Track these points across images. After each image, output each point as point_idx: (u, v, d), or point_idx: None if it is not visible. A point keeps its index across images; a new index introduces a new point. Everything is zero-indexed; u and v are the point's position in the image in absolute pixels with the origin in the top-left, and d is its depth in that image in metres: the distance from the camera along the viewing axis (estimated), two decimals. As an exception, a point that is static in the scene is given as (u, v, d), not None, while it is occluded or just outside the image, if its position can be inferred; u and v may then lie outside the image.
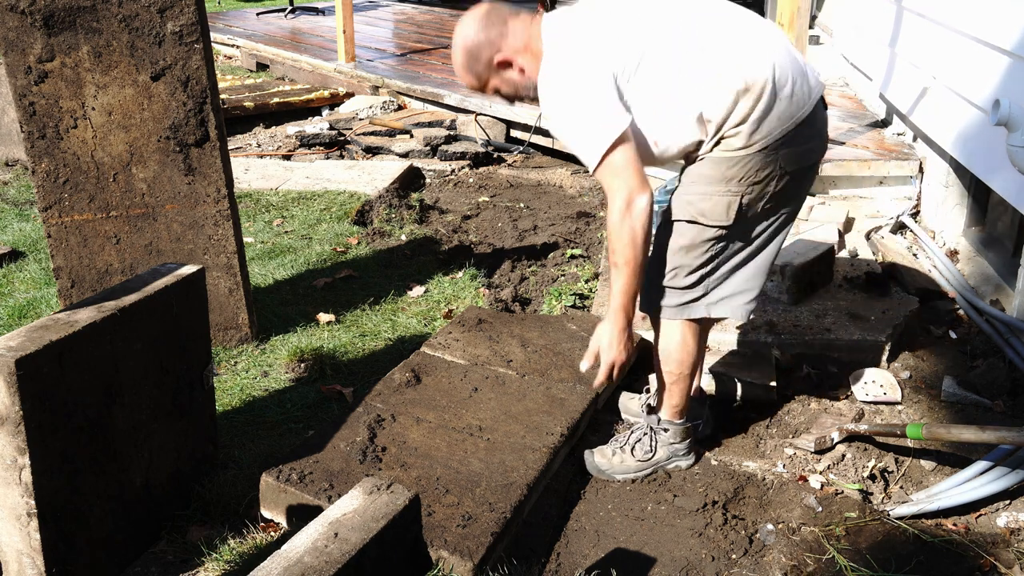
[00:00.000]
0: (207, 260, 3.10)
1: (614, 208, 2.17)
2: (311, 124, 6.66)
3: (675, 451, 2.61)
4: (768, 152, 2.21)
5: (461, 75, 2.34)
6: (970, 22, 3.79)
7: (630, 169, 2.15)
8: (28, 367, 1.73)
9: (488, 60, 2.28)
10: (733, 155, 2.22)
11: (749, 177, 2.23)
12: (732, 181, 2.24)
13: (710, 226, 2.29)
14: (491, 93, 2.36)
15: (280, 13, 10.66)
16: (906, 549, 2.31)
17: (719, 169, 2.24)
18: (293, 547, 1.59)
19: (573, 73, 2.18)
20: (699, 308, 2.43)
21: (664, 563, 2.26)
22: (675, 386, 2.54)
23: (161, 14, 2.80)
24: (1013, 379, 3.02)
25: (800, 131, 2.23)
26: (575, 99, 2.18)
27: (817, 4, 7.36)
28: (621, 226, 2.17)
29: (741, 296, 2.43)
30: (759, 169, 2.22)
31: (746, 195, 2.25)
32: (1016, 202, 3.36)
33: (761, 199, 2.28)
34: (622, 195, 2.15)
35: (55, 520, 1.84)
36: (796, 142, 2.24)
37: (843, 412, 2.92)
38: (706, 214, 2.28)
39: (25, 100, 2.78)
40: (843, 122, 5.33)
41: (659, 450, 2.60)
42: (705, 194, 2.27)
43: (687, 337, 2.47)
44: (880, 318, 3.35)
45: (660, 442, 2.60)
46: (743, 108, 2.16)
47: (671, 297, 2.42)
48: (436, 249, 4.34)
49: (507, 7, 2.31)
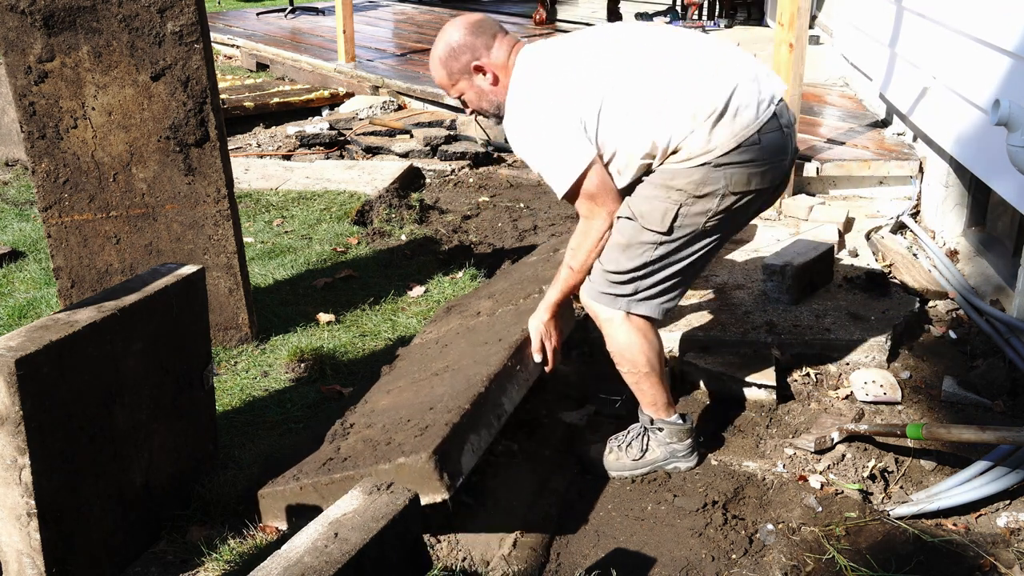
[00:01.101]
0: (207, 260, 3.10)
1: (593, 228, 2.38)
2: (311, 124, 6.66)
3: (673, 451, 2.60)
4: (711, 168, 2.27)
5: (435, 67, 2.45)
6: (970, 22, 3.79)
7: (609, 195, 2.34)
8: (28, 367, 1.73)
9: (466, 63, 2.39)
10: (677, 167, 2.30)
11: (690, 190, 2.29)
12: (672, 190, 2.31)
13: (646, 228, 2.35)
14: (455, 95, 2.49)
15: (280, 13, 10.66)
16: (906, 549, 2.31)
17: (664, 177, 2.32)
18: (293, 547, 1.59)
19: (540, 111, 2.32)
20: (622, 302, 2.46)
21: (664, 563, 2.26)
22: (640, 385, 2.55)
23: (161, 14, 2.80)
24: (1013, 379, 3.02)
25: (750, 154, 2.28)
26: (542, 133, 2.32)
27: (817, 4, 7.36)
28: (599, 241, 2.39)
29: (662, 297, 2.47)
30: (701, 183, 2.28)
31: (684, 206, 2.31)
32: (1016, 202, 3.36)
33: (704, 215, 2.32)
34: (604, 220, 2.36)
35: (55, 520, 1.84)
36: (745, 164, 2.28)
37: (843, 412, 2.92)
38: (643, 215, 2.34)
39: (25, 100, 2.78)
40: (843, 122, 5.33)
41: (655, 450, 2.60)
42: (647, 197, 2.34)
43: (631, 332, 2.48)
44: (880, 318, 3.35)
45: (656, 441, 2.59)
46: (687, 127, 2.26)
47: (604, 285, 2.46)
48: (436, 249, 4.34)
49: (499, 24, 2.46)
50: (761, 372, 3.02)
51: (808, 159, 4.60)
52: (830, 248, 3.65)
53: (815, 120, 5.33)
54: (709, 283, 3.65)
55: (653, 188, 2.33)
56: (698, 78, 2.28)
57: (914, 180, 4.59)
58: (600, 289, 2.46)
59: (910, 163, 4.59)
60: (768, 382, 2.98)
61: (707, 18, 8.83)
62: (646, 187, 2.35)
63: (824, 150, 4.76)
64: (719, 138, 2.25)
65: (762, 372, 3.02)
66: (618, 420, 2.89)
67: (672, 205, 2.31)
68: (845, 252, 3.99)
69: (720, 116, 2.25)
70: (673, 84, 2.27)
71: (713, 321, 3.32)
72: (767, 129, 2.29)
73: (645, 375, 2.51)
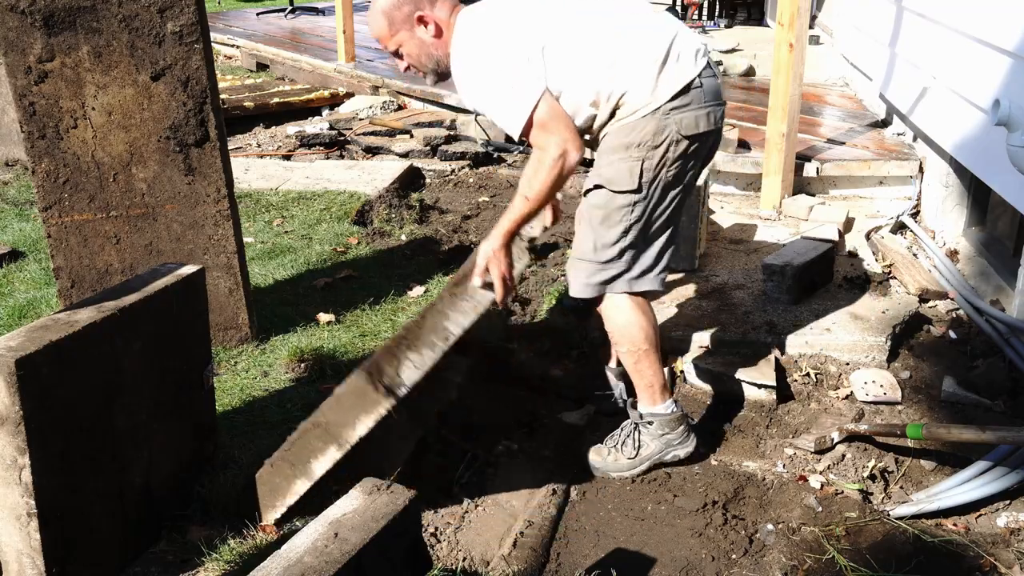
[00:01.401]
0: (207, 260, 3.10)
1: (547, 155, 2.30)
2: (311, 124, 6.66)
3: (668, 441, 2.60)
4: (662, 116, 2.35)
5: (375, 17, 2.43)
6: (970, 22, 3.79)
7: (561, 123, 2.30)
8: (28, 367, 1.73)
9: (409, 13, 2.39)
10: (627, 122, 2.37)
11: (647, 142, 2.36)
12: (632, 147, 2.37)
13: (618, 192, 2.40)
14: (393, 47, 2.45)
15: (280, 13, 10.66)
16: (906, 549, 2.31)
17: (619, 138, 2.39)
18: (293, 547, 1.59)
19: (487, 54, 2.34)
20: (621, 283, 2.49)
21: (664, 563, 2.26)
22: (640, 364, 2.55)
23: (161, 14, 2.80)
24: (1013, 379, 3.02)
25: (693, 97, 2.37)
26: (492, 75, 2.33)
27: (817, 4, 7.36)
28: (552, 169, 2.30)
29: (657, 267, 2.51)
30: (655, 133, 2.35)
31: (647, 159, 2.38)
32: (1016, 202, 3.36)
33: (663, 165, 2.39)
34: (557, 146, 2.28)
35: (55, 520, 1.84)
36: (691, 108, 2.37)
37: (843, 412, 2.92)
38: (612, 180, 2.40)
39: (25, 100, 2.78)
40: (843, 122, 5.33)
41: (649, 444, 2.60)
42: (609, 163, 2.41)
43: (630, 311, 2.51)
44: (880, 318, 3.35)
45: (648, 436, 2.59)
46: (632, 75, 2.33)
47: (597, 273, 2.49)
48: (436, 249, 4.34)
49: None
50: (761, 372, 3.02)
51: (808, 159, 4.60)
52: (830, 248, 3.65)
53: (815, 120, 5.33)
54: (709, 283, 3.66)
55: (612, 152, 2.40)
56: (639, 27, 2.38)
57: (914, 180, 4.59)
58: (595, 280, 2.49)
59: (910, 163, 4.59)
60: (768, 382, 2.98)
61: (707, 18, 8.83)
62: (605, 155, 2.43)
63: (824, 150, 4.76)
64: (664, 84, 2.34)
65: (762, 372, 3.02)
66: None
67: (635, 162, 2.37)
68: (845, 252, 3.99)
69: (664, 63, 2.33)
70: (616, 32, 2.36)
71: (713, 321, 3.32)
72: (705, 74, 2.40)
73: (645, 352, 2.53)
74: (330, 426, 2.15)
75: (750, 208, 4.56)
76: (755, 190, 4.69)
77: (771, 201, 4.47)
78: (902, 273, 3.74)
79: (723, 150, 4.71)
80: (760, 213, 4.47)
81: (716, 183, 4.77)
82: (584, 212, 2.52)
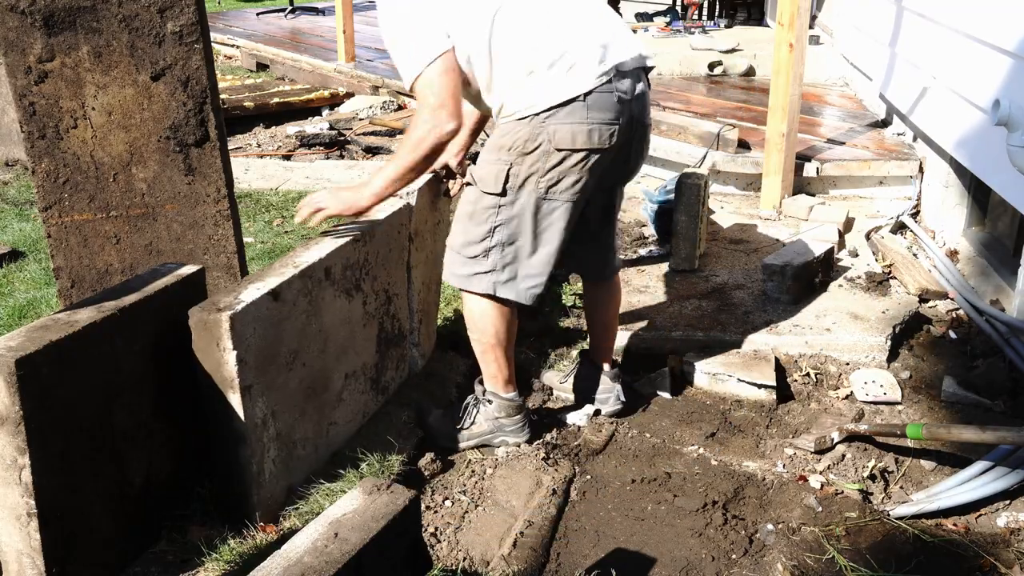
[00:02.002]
0: (207, 260, 3.10)
1: (419, 118, 2.26)
2: (311, 124, 6.66)
3: (499, 426, 2.64)
4: (538, 123, 2.28)
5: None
6: (970, 22, 3.79)
7: (447, 92, 2.25)
8: (28, 367, 1.73)
9: None
10: (505, 123, 2.35)
11: (518, 147, 2.32)
12: (503, 150, 2.35)
13: (484, 192, 2.40)
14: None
15: (280, 13, 10.66)
16: (906, 549, 2.31)
17: (496, 138, 2.37)
18: (293, 547, 1.59)
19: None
20: (485, 282, 2.48)
21: (664, 563, 2.26)
22: (486, 355, 2.59)
23: (161, 14, 2.80)
24: (1013, 379, 3.02)
25: (570, 108, 2.27)
26: (401, 16, 2.29)
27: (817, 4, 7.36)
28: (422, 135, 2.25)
29: (528, 280, 2.49)
30: (528, 139, 2.30)
31: (515, 165, 2.34)
32: (1016, 202, 3.36)
33: (533, 174, 2.33)
34: (432, 110, 2.24)
35: (55, 520, 1.84)
36: (569, 122, 2.27)
37: (843, 412, 2.92)
38: (481, 179, 2.40)
39: (25, 100, 2.78)
40: (843, 122, 5.33)
41: (482, 423, 2.64)
42: (483, 161, 2.41)
43: (488, 307, 2.52)
44: (880, 318, 3.35)
45: (483, 415, 2.63)
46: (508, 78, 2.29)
47: (463, 266, 2.50)
48: (436, 249, 4.34)
49: None
50: (761, 372, 3.02)
51: (808, 159, 4.60)
52: (830, 248, 3.65)
53: (815, 120, 5.33)
54: (709, 283, 3.66)
55: (488, 152, 2.40)
56: (539, 28, 2.30)
57: (914, 180, 4.59)
58: (463, 272, 2.50)
59: (910, 163, 4.59)
60: (768, 382, 2.98)
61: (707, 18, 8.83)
62: (484, 152, 2.42)
63: (824, 150, 4.76)
64: (544, 92, 2.27)
65: (762, 372, 3.02)
66: (617, 419, 2.90)
67: (503, 166, 2.35)
68: (845, 252, 3.99)
69: (549, 68, 2.26)
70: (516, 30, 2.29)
71: (713, 321, 3.33)
72: (601, 90, 2.28)
73: (492, 346, 2.56)
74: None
75: (750, 208, 4.56)
76: (755, 190, 4.69)
77: (771, 201, 4.48)
78: (902, 273, 3.74)
79: (723, 150, 4.72)
80: (760, 213, 4.47)
81: (716, 183, 4.78)
82: (460, 204, 2.53)
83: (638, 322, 3.35)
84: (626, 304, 3.48)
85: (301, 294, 2.24)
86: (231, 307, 2.03)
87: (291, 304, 2.20)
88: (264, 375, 2.13)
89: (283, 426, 2.23)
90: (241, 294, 2.09)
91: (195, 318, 2.04)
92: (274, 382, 2.18)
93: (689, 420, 2.91)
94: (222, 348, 2.02)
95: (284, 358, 2.21)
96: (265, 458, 2.18)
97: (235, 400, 2.06)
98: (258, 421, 2.13)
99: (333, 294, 2.39)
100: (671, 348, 3.21)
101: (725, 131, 4.75)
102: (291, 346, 2.22)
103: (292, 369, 2.24)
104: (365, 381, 2.60)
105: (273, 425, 2.19)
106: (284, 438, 2.24)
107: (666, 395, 3.05)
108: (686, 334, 3.25)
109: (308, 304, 2.27)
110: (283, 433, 2.24)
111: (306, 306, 2.26)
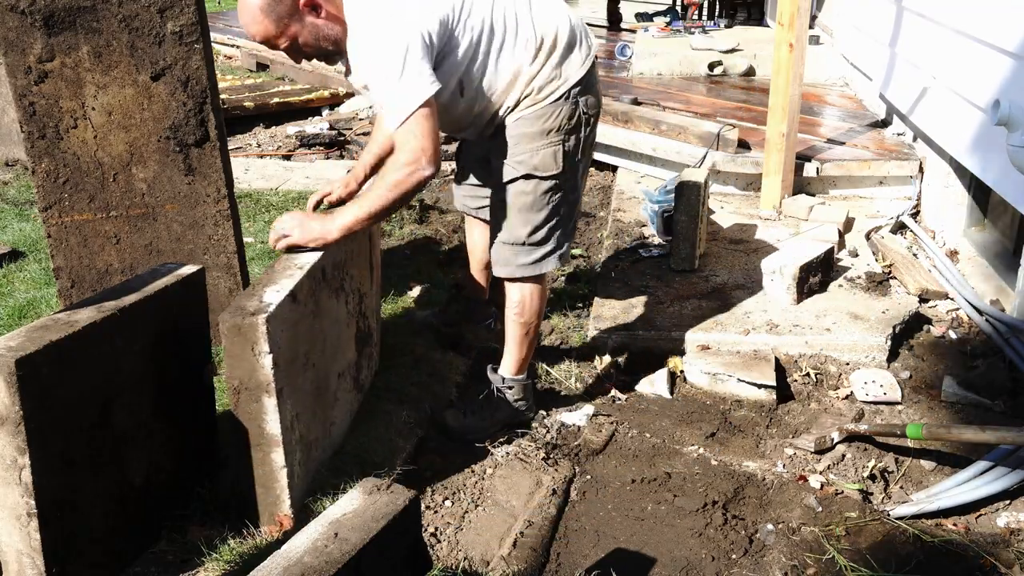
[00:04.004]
0: (207, 260, 3.10)
1: (400, 160, 2.27)
2: (311, 124, 6.66)
3: (519, 408, 2.76)
4: (570, 99, 2.48)
5: (253, 22, 2.24)
6: (970, 22, 3.79)
7: (429, 138, 2.28)
8: (28, 367, 1.73)
9: (292, 4, 2.22)
10: (540, 108, 2.47)
11: (564, 126, 2.49)
12: (551, 132, 2.49)
13: (544, 178, 2.51)
14: (284, 43, 2.29)
15: (280, 13, 10.64)
16: (906, 549, 2.31)
17: (536, 125, 2.48)
18: (293, 547, 1.59)
19: (386, 30, 2.24)
20: (552, 261, 2.61)
21: (664, 563, 2.26)
22: (527, 338, 2.70)
23: (161, 14, 2.80)
24: (1013, 379, 3.02)
25: (591, 77, 2.53)
26: (387, 56, 2.23)
27: (817, 4, 7.36)
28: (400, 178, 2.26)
29: (566, 244, 2.65)
30: (568, 116, 2.49)
31: (566, 142, 2.51)
32: (1016, 202, 3.36)
33: (579, 145, 2.55)
34: (414, 155, 2.25)
35: (55, 520, 1.84)
36: (590, 88, 2.54)
37: (843, 412, 2.92)
38: (538, 167, 2.50)
39: (25, 100, 2.78)
40: (843, 122, 5.33)
41: (504, 408, 2.74)
42: (533, 150, 2.49)
43: (538, 288, 2.65)
44: (880, 318, 3.35)
45: (505, 401, 2.74)
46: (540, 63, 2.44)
47: (529, 254, 2.59)
48: (436, 249, 4.34)
49: None
50: (761, 372, 3.02)
51: (808, 159, 4.60)
52: (830, 248, 3.65)
53: (815, 120, 5.33)
54: (709, 283, 3.66)
55: (531, 140, 2.49)
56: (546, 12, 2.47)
57: (914, 180, 4.59)
58: (529, 259, 2.58)
59: (910, 163, 4.59)
60: (768, 382, 2.98)
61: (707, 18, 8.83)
62: (523, 143, 2.49)
63: (824, 150, 4.76)
64: (572, 67, 2.48)
65: (762, 372, 3.02)
66: (617, 419, 2.90)
67: (557, 146, 2.49)
68: (845, 252, 3.99)
69: (566, 48, 2.46)
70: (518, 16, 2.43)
71: (713, 321, 3.33)
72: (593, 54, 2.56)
73: (535, 327, 2.71)
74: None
75: (750, 208, 4.56)
76: (755, 190, 4.69)
77: (771, 201, 4.47)
78: (902, 273, 3.74)
79: (723, 150, 4.72)
80: (760, 213, 4.47)
81: (716, 183, 4.77)
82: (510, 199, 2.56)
83: (638, 322, 3.35)
84: (626, 304, 3.48)
85: (310, 295, 2.24)
86: (263, 310, 2.00)
87: (302, 305, 2.19)
88: (288, 378, 2.11)
89: (304, 428, 2.22)
90: (264, 297, 2.06)
91: (228, 323, 2.00)
92: (295, 384, 2.16)
93: (689, 420, 2.91)
94: (257, 352, 1.99)
95: (301, 360, 2.20)
96: (295, 461, 2.16)
97: (270, 404, 2.03)
98: (288, 424, 2.11)
99: (328, 294, 2.38)
100: (671, 348, 3.21)
101: (725, 131, 4.75)
102: (304, 347, 2.21)
103: (306, 370, 2.23)
104: (350, 380, 2.61)
105: (298, 427, 2.18)
106: (305, 440, 2.23)
107: (666, 395, 3.05)
108: (686, 334, 3.25)
109: (315, 305, 2.27)
110: (304, 435, 2.23)
111: (313, 307, 2.26)
